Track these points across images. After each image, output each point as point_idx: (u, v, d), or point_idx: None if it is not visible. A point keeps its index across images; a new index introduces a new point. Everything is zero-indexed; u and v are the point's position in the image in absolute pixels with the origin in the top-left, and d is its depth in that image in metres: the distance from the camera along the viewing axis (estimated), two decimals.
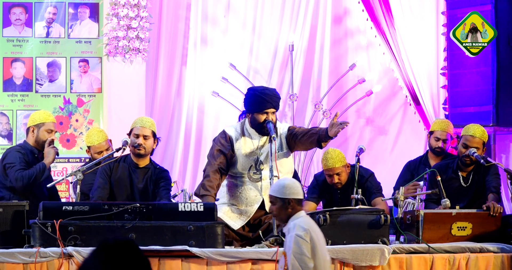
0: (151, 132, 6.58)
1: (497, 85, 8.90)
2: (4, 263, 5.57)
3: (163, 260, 5.71)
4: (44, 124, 6.86)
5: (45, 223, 5.69)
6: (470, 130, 6.97)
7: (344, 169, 7.39)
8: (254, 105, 6.46)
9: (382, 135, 10.16)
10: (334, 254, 5.82)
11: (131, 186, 6.60)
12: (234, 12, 10.07)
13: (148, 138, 6.57)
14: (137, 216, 5.82)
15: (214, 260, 5.73)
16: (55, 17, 9.30)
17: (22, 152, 6.77)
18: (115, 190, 6.59)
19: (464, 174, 7.01)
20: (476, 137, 6.91)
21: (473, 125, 7.08)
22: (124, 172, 6.61)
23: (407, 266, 5.95)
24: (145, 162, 6.66)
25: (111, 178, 6.60)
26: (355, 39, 10.19)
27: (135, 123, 6.66)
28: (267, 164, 6.36)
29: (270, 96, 6.47)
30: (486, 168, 6.97)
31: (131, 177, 6.61)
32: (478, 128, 6.98)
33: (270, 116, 6.43)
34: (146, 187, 6.60)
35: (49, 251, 5.61)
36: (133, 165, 6.63)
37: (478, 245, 6.13)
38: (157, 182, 6.60)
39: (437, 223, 6.21)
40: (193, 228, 5.82)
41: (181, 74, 9.98)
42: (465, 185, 6.97)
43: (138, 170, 6.63)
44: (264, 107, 6.43)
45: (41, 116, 6.93)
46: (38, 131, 6.85)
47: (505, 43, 8.90)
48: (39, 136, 6.85)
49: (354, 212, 6.12)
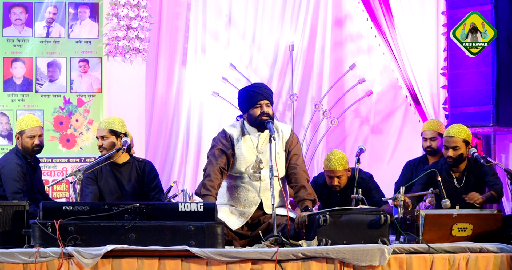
0: (108, 131, 6.79)
1: (497, 85, 8.89)
2: (4, 263, 5.57)
3: (163, 260, 5.71)
4: (24, 131, 6.93)
5: (45, 223, 5.69)
6: (448, 131, 6.99)
7: (345, 172, 7.42)
8: (247, 101, 6.46)
9: (382, 135, 10.16)
10: (334, 254, 5.83)
11: (120, 188, 6.82)
12: (235, 12, 10.08)
13: (106, 138, 6.79)
14: (137, 216, 5.82)
15: (214, 260, 5.73)
16: (55, 17, 9.30)
17: (20, 163, 6.83)
18: (104, 195, 6.82)
19: (457, 174, 7.02)
20: (453, 137, 6.93)
21: (452, 125, 7.11)
22: (108, 175, 6.81)
23: (407, 266, 5.95)
24: (123, 159, 6.84)
25: (98, 184, 6.82)
26: (355, 39, 10.19)
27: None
28: (267, 163, 6.35)
29: (259, 88, 6.49)
30: (481, 168, 6.98)
31: (117, 178, 6.81)
32: (454, 128, 6.98)
33: (265, 108, 6.40)
34: (134, 185, 6.81)
35: (49, 251, 5.61)
36: (115, 165, 6.82)
37: (478, 245, 6.12)
38: (145, 179, 6.80)
39: (437, 224, 6.21)
40: (193, 228, 5.82)
41: (181, 74, 9.99)
42: (459, 186, 6.98)
43: (121, 169, 6.83)
44: (257, 100, 6.41)
45: (22, 123, 6.98)
46: (22, 138, 6.92)
47: (505, 43, 8.90)
48: (23, 144, 6.92)
49: (354, 212, 6.12)
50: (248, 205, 6.48)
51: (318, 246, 5.92)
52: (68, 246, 5.65)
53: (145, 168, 6.84)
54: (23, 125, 6.93)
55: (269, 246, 5.96)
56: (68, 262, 5.62)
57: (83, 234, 5.72)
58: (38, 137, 6.91)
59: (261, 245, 6.02)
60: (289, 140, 6.55)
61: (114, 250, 5.64)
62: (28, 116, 7.17)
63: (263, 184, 6.47)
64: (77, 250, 5.60)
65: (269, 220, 6.30)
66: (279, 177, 6.32)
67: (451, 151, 6.93)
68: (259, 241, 6.15)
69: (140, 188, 6.85)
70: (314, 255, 5.82)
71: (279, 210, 6.33)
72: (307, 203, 6.39)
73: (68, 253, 5.61)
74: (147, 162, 6.94)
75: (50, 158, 9.19)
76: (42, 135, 6.98)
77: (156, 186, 6.85)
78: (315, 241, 5.98)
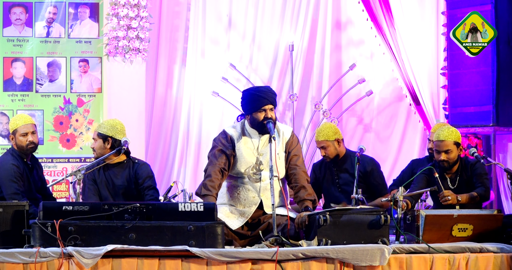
0: (97, 134, 6.90)
1: (497, 85, 8.90)
2: (4, 263, 5.57)
3: (163, 260, 5.71)
4: (17, 130, 6.92)
5: (45, 223, 5.69)
6: (438, 135, 6.95)
7: (330, 143, 7.49)
8: (251, 105, 6.45)
9: (383, 135, 10.16)
10: (334, 254, 5.83)
11: (113, 185, 6.87)
12: (235, 12, 10.08)
13: (95, 140, 6.91)
14: (137, 216, 5.82)
15: (214, 260, 5.73)
16: (55, 17, 9.30)
17: (16, 164, 6.82)
18: (101, 192, 6.86)
19: (449, 175, 7.02)
20: (444, 141, 6.91)
21: (440, 128, 7.04)
22: (102, 174, 6.88)
23: (407, 266, 5.95)
24: (118, 159, 6.87)
25: (97, 183, 6.88)
26: (355, 39, 10.19)
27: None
28: (267, 164, 6.36)
29: (265, 92, 6.47)
30: (472, 168, 6.97)
31: (109, 175, 6.86)
32: (444, 131, 6.94)
33: (269, 113, 6.42)
34: (125, 183, 6.84)
35: (49, 251, 5.61)
36: (109, 165, 6.88)
37: (478, 245, 6.12)
38: (139, 178, 6.83)
39: (438, 224, 6.21)
40: (193, 228, 5.82)
41: (181, 74, 9.99)
42: (452, 186, 6.97)
43: (114, 168, 6.88)
44: (261, 104, 6.42)
45: (14, 122, 6.99)
46: (15, 137, 6.92)
47: (505, 43, 8.90)
48: (17, 143, 6.92)
49: (354, 212, 6.12)
50: (248, 205, 6.48)
51: (318, 246, 5.92)
52: (68, 246, 5.65)
53: (138, 169, 6.86)
54: (15, 125, 6.94)
55: (269, 246, 5.96)
56: (68, 262, 5.62)
57: (83, 234, 5.72)
58: (31, 134, 6.90)
59: (261, 245, 6.03)
60: (289, 141, 6.56)
61: (114, 250, 5.64)
62: (20, 115, 7.18)
63: (263, 184, 6.47)
64: (77, 250, 5.61)
65: (269, 220, 6.30)
66: (279, 178, 6.33)
67: (443, 155, 6.92)
68: (259, 241, 6.16)
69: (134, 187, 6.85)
70: (314, 255, 5.82)
71: (279, 210, 6.34)
72: (307, 203, 6.40)
73: (68, 253, 5.61)
74: (141, 163, 6.95)
75: (50, 158, 9.19)
76: (35, 132, 6.96)
77: (149, 185, 6.83)
78: (315, 241, 5.99)
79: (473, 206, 6.78)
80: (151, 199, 6.74)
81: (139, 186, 6.83)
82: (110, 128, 6.86)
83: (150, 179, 6.86)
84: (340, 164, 7.59)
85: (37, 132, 7.01)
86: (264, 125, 6.40)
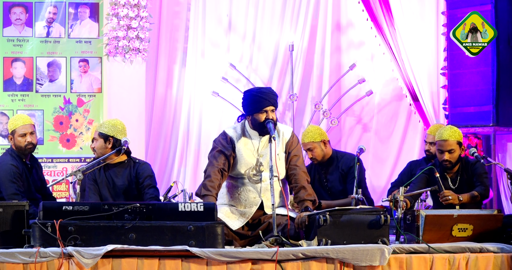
0: (98, 134, 6.91)
1: (497, 85, 8.89)
2: (4, 263, 5.57)
3: (163, 260, 5.71)
4: (16, 131, 6.92)
5: (45, 223, 5.69)
6: (440, 134, 6.97)
7: (316, 145, 7.53)
8: (253, 106, 6.46)
9: (383, 135, 10.16)
10: (334, 254, 5.83)
11: (113, 185, 6.87)
12: (235, 12, 10.08)
13: (95, 140, 6.92)
14: (137, 216, 5.82)
15: (214, 260, 5.73)
16: (55, 17, 9.31)
17: (15, 164, 6.82)
18: (101, 192, 6.88)
19: (450, 175, 7.02)
20: (448, 140, 6.92)
21: (443, 128, 7.09)
22: (102, 173, 6.89)
23: (407, 266, 5.95)
24: (118, 159, 6.89)
25: (97, 183, 6.89)
26: (355, 39, 10.19)
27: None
28: (267, 165, 6.36)
29: (267, 93, 6.48)
30: (472, 167, 6.98)
31: (110, 175, 6.87)
32: (446, 131, 6.97)
33: (270, 115, 6.43)
34: (126, 183, 6.85)
35: (49, 251, 5.61)
36: (110, 165, 6.89)
37: (478, 245, 6.12)
38: (139, 177, 6.84)
39: (438, 224, 6.21)
40: (193, 228, 5.82)
41: (181, 74, 9.99)
42: (453, 186, 6.97)
43: (115, 168, 6.89)
44: (263, 106, 6.43)
45: (12, 123, 6.99)
46: (14, 138, 6.92)
47: (505, 43, 8.89)
48: (16, 143, 6.92)
49: (354, 212, 6.12)
50: (248, 205, 6.49)
51: (318, 246, 5.92)
52: (68, 246, 5.65)
53: (138, 169, 6.88)
54: (14, 125, 6.94)
55: (269, 246, 5.96)
56: (68, 262, 5.62)
57: (83, 234, 5.72)
58: (30, 135, 6.90)
59: (261, 245, 6.03)
60: (289, 141, 6.56)
61: (114, 250, 5.64)
62: (19, 115, 7.18)
63: (264, 184, 6.47)
64: (77, 250, 5.61)
65: (269, 220, 6.30)
66: (279, 178, 6.33)
67: (447, 154, 6.93)
68: (259, 241, 6.16)
69: (135, 187, 6.86)
70: (314, 255, 5.83)
71: (279, 210, 6.34)
72: (307, 203, 6.40)
73: (68, 253, 5.61)
74: (142, 162, 6.96)
75: (50, 158, 9.19)
76: (34, 132, 6.95)
77: (149, 184, 6.85)
78: (315, 241, 5.99)
79: (473, 206, 6.79)
80: (151, 197, 6.74)
81: (140, 185, 6.84)
82: (111, 127, 6.87)
83: (150, 178, 6.87)
84: (327, 165, 7.61)
85: (36, 132, 7.01)
86: (265, 127, 6.41)
